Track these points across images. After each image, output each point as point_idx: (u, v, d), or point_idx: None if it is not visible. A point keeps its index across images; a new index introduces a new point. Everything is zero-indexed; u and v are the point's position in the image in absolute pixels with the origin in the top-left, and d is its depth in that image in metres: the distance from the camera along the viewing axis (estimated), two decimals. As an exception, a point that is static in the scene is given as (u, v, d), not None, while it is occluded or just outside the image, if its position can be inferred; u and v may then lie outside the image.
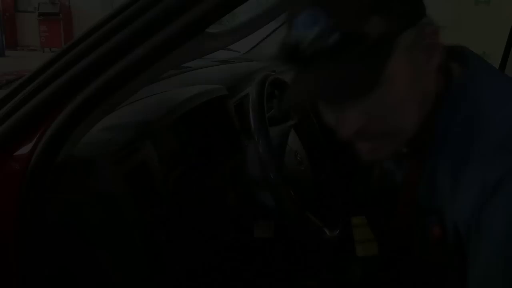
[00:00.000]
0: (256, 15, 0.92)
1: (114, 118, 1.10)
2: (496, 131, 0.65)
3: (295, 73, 0.71)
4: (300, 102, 0.71)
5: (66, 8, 11.56)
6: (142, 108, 1.22)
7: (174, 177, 1.21)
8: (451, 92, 0.71)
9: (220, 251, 1.27)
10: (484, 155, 0.64)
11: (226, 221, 1.19)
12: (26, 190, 0.88)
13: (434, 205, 0.73)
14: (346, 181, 1.27)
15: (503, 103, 0.69)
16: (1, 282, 0.94)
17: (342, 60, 0.63)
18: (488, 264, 0.63)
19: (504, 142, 0.64)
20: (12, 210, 0.89)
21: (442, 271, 0.74)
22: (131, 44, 0.81)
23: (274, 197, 0.94)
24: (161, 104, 1.24)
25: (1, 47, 10.70)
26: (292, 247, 1.42)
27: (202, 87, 1.40)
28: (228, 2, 0.78)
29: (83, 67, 0.84)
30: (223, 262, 1.39)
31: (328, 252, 1.07)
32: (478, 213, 0.63)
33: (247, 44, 2.21)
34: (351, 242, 1.05)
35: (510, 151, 0.63)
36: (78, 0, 11.77)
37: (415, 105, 0.70)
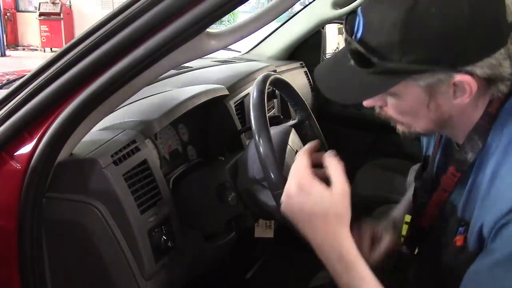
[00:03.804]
0: (256, 14, 0.92)
1: (114, 118, 1.10)
2: None
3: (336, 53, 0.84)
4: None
5: (67, 8, 11.56)
6: (142, 108, 1.22)
7: (174, 177, 1.21)
8: (500, 118, 0.77)
9: (220, 251, 1.27)
10: None
11: (226, 221, 1.18)
12: (27, 189, 0.88)
13: (466, 217, 0.79)
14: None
15: None
16: (2, 279, 0.94)
17: (359, 64, 0.73)
18: (484, 268, 0.70)
19: None
20: (13, 209, 0.89)
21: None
22: (131, 44, 0.82)
23: (274, 197, 0.94)
24: (161, 104, 1.24)
25: (2, 47, 10.70)
26: (292, 247, 1.42)
27: (203, 87, 1.40)
28: (228, 2, 0.78)
29: (83, 67, 0.84)
30: (223, 262, 1.39)
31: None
32: (502, 225, 0.69)
33: (247, 44, 2.21)
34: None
35: None
36: (79, 0, 11.78)
37: (428, 118, 0.78)
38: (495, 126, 0.77)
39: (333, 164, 0.79)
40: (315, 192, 0.76)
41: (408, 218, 1.01)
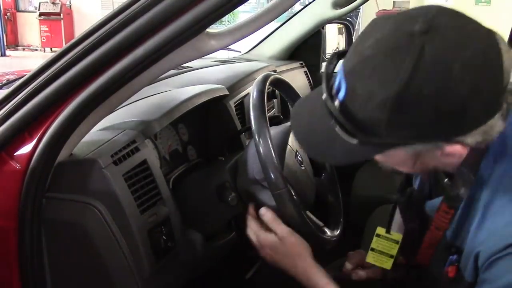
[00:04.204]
0: (256, 14, 0.92)
1: (114, 118, 1.10)
2: None
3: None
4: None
5: (67, 8, 11.56)
6: (142, 108, 1.22)
7: (174, 177, 1.21)
8: (492, 150, 0.73)
9: (220, 251, 1.27)
10: None
11: (226, 221, 1.19)
12: (27, 189, 0.88)
13: (458, 245, 0.78)
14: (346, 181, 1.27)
15: None
16: (2, 279, 0.94)
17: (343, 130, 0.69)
18: None
19: None
20: (13, 209, 0.89)
21: None
22: (131, 44, 0.82)
23: (274, 197, 0.94)
24: (161, 104, 1.24)
25: (2, 47, 10.70)
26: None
27: (202, 87, 1.40)
28: (228, 2, 0.78)
29: (83, 67, 0.84)
30: (223, 262, 1.39)
31: (328, 252, 1.07)
32: (495, 260, 0.68)
33: (247, 44, 2.21)
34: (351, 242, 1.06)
35: None
36: (79, 0, 11.78)
37: (410, 170, 0.77)
38: (486, 158, 0.73)
39: (269, 220, 0.96)
40: (270, 245, 0.96)
41: (380, 231, 1.00)
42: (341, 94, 0.67)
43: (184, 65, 1.74)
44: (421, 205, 0.88)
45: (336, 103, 0.68)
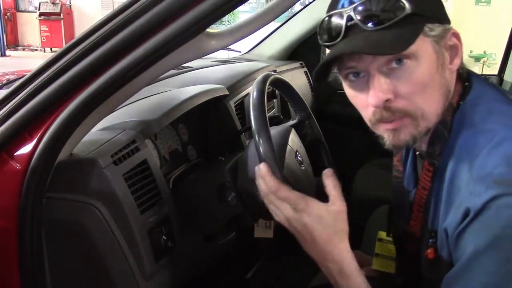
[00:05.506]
0: (256, 14, 0.92)
1: (114, 118, 1.10)
2: (484, 166, 0.71)
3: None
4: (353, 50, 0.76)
5: (67, 8, 11.57)
6: (142, 108, 1.22)
7: (174, 177, 1.21)
8: (457, 116, 0.79)
9: (220, 251, 1.27)
10: (469, 183, 0.71)
11: (226, 221, 1.18)
12: (27, 189, 0.88)
13: (434, 228, 0.80)
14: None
15: (493, 139, 0.73)
16: (2, 279, 0.94)
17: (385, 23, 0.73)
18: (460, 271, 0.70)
19: (487, 177, 0.69)
20: (13, 209, 0.89)
21: None
22: (131, 44, 0.82)
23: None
24: (161, 104, 1.24)
25: (2, 47, 10.71)
26: (292, 247, 1.41)
27: (203, 87, 1.40)
28: (228, 2, 0.78)
29: (83, 67, 0.84)
30: (223, 262, 1.39)
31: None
32: (458, 235, 0.70)
33: (247, 44, 2.21)
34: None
35: (490, 186, 0.68)
36: (79, 0, 11.79)
37: (438, 94, 0.77)
38: (454, 120, 0.79)
39: (332, 183, 0.85)
40: (315, 212, 0.81)
41: (381, 234, 1.00)
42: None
43: (184, 65, 1.74)
44: (408, 197, 0.90)
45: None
